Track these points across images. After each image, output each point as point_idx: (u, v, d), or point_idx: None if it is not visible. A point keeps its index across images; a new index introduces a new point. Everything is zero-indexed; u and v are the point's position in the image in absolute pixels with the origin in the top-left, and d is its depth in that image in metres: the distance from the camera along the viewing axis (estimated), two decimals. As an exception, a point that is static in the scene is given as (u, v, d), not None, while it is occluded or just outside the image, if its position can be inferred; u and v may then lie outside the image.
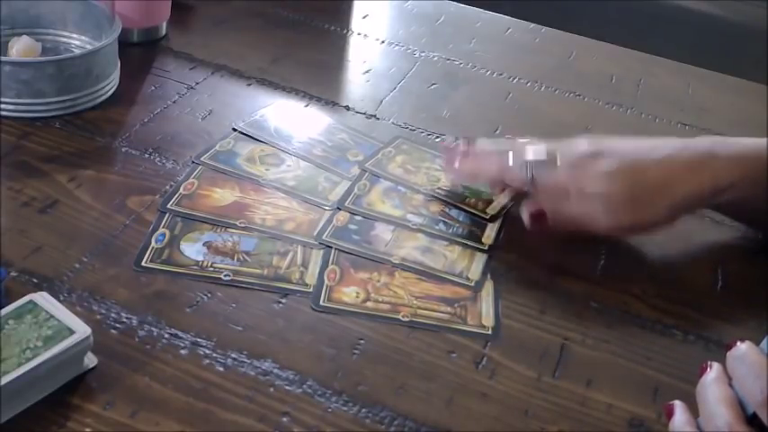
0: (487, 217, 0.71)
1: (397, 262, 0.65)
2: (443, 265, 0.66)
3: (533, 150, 0.68)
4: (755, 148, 0.67)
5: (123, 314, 0.57)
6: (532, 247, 0.70)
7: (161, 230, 0.65)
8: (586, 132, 0.83)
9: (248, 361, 0.55)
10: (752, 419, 0.47)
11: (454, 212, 0.72)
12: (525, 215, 0.69)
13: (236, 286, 0.61)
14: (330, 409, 0.53)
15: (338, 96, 0.87)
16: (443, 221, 0.71)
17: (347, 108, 0.85)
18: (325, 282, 0.63)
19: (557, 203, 0.67)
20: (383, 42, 0.99)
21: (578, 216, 0.66)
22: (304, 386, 0.54)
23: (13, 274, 0.59)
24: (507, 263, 0.68)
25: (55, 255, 0.61)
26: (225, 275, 0.62)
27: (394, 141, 0.80)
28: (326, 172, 0.74)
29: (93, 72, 0.77)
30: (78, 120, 0.76)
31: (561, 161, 0.66)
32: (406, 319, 0.61)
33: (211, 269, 0.62)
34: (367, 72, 0.92)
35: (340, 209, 0.70)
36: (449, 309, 0.62)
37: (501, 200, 0.73)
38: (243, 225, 0.67)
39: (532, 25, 1.09)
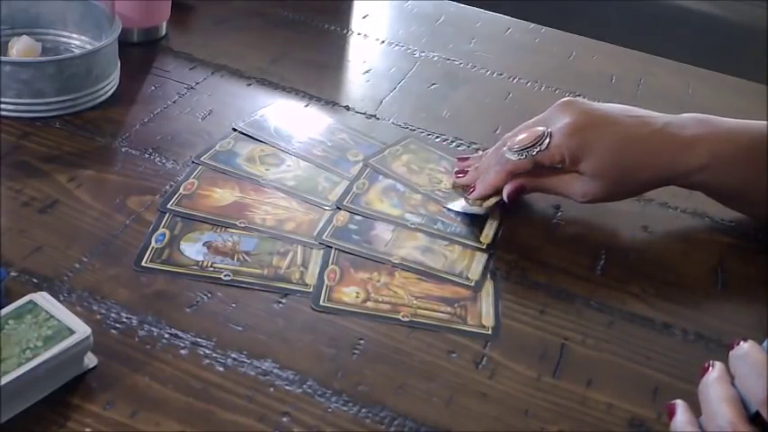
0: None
1: (396, 262, 0.65)
2: (443, 265, 0.66)
3: (526, 133, 0.70)
4: (731, 131, 0.69)
5: (123, 314, 0.57)
6: (532, 247, 0.70)
7: (161, 230, 0.65)
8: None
9: (248, 361, 0.55)
10: (754, 418, 0.47)
11: (453, 212, 0.72)
12: (505, 193, 0.71)
13: (236, 286, 0.61)
14: (330, 409, 0.53)
15: (338, 96, 0.87)
16: (441, 220, 0.71)
17: (347, 108, 0.85)
18: (325, 282, 0.63)
19: (546, 173, 0.71)
20: (383, 42, 0.99)
21: (563, 182, 0.70)
22: (304, 386, 0.54)
23: (13, 274, 0.59)
24: (507, 263, 0.68)
25: (55, 255, 0.61)
26: (225, 275, 0.62)
27: (403, 140, 0.80)
28: (326, 172, 0.74)
29: (93, 72, 0.77)
30: (78, 120, 0.76)
31: (556, 133, 0.69)
32: (406, 319, 0.61)
33: (211, 269, 0.62)
34: (367, 72, 0.92)
35: (339, 208, 0.70)
36: (449, 309, 0.62)
37: (493, 198, 0.72)
38: (243, 225, 0.67)
39: (532, 25, 1.09)
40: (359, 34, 1.00)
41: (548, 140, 0.68)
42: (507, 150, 0.70)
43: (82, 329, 0.51)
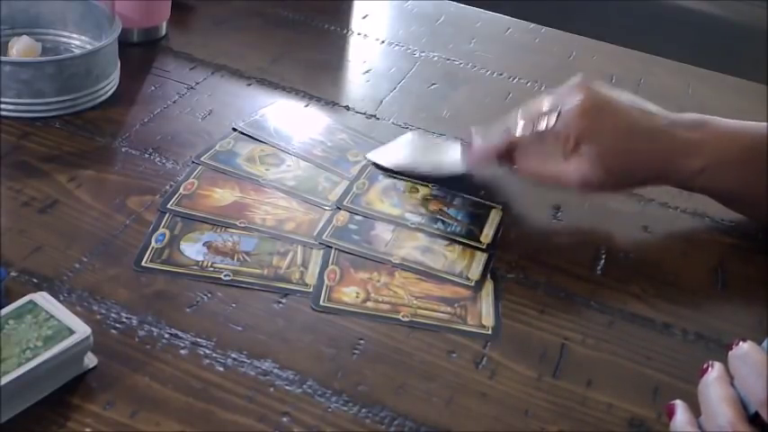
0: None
1: (397, 262, 0.65)
2: (443, 265, 0.66)
3: (537, 105, 0.69)
4: (733, 134, 0.69)
5: (123, 314, 0.57)
6: (532, 247, 0.70)
7: (161, 230, 0.65)
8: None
9: (248, 361, 0.55)
10: (754, 419, 0.47)
11: (452, 211, 0.72)
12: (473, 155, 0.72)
13: (236, 286, 0.61)
14: (330, 409, 0.53)
15: (338, 96, 0.87)
16: (441, 220, 0.71)
17: (347, 108, 0.85)
18: (325, 282, 0.63)
19: (548, 153, 0.70)
20: (383, 42, 0.99)
21: (561, 167, 0.69)
22: (304, 386, 0.54)
23: (13, 274, 0.59)
24: (507, 263, 0.68)
25: (55, 255, 0.61)
26: (225, 275, 0.62)
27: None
28: (326, 172, 0.74)
29: (93, 72, 0.77)
30: (78, 120, 0.76)
31: (565, 112, 0.68)
32: (406, 319, 0.61)
33: (211, 269, 0.62)
34: (367, 72, 0.92)
35: (339, 208, 0.70)
36: (449, 309, 0.62)
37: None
38: (243, 225, 0.67)
39: (532, 25, 1.09)
40: (359, 34, 1.00)
41: (556, 117, 0.68)
42: (515, 119, 0.70)
43: (82, 329, 0.51)
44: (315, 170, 0.74)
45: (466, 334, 0.60)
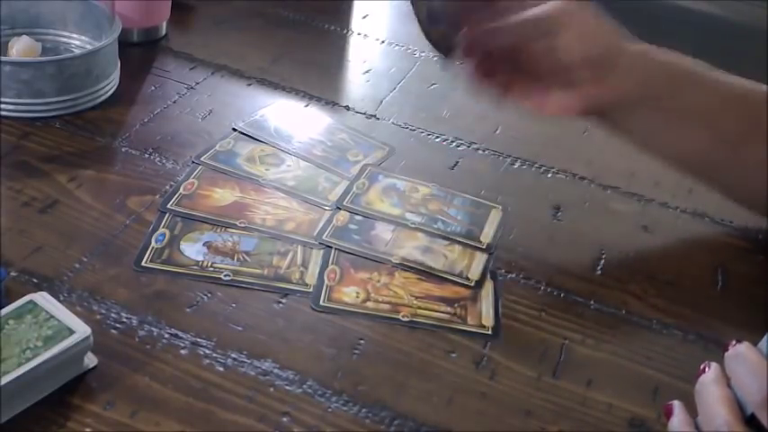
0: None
1: (397, 262, 0.66)
2: (443, 265, 0.66)
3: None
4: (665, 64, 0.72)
5: (123, 314, 0.57)
6: (532, 247, 0.70)
7: (161, 230, 0.65)
8: (586, 132, 0.83)
9: (248, 361, 0.55)
10: (750, 420, 0.47)
11: (452, 211, 0.72)
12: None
13: (236, 286, 0.61)
14: (330, 409, 0.53)
15: (338, 96, 0.87)
16: (442, 220, 0.71)
17: (347, 108, 0.85)
18: (325, 282, 0.63)
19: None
20: (383, 42, 0.99)
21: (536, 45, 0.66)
22: (304, 386, 0.54)
23: (13, 274, 0.59)
24: (507, 263, 0.68)
25: (55, 255, 0.61)
26: (225, 275, 0.62)
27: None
28: (326, 172, 0.74)
29: (93, 72, 0.77)
30: (78, 120, 0.76)
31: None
32: (406, 319, 0.61)
33: (211, 269, 0.62)
34: (367, 72, 0.92)
35: (339, 208, 0.70)
36: (449, 309, 0.62)
37: None
38: (243, 225, 0.67)
39: (532, 25, 1.09)
40: (359, 34, 1.00)
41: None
42: None
43: (82, 329, 0.51)
44: (315, 170, 0.74)
45: (466, 334, 0.60)
